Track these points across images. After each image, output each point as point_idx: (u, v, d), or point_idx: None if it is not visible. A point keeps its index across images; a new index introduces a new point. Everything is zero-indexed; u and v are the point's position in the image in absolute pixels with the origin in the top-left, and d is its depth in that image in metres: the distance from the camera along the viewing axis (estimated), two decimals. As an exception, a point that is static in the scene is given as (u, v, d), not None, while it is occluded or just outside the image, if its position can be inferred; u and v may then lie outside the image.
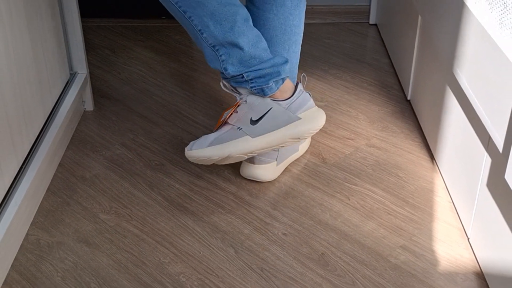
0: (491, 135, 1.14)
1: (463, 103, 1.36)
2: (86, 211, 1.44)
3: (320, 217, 1.42)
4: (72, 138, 1.71)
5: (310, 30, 2.34)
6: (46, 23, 1.53)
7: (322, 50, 2.20)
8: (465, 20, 1.27)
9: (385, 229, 1.38)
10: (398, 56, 2.01)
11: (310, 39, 2.27)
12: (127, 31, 2.36)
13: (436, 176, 1.55)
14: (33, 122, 1.44)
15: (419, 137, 1.71)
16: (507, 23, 1.10)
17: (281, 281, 1.25)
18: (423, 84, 1.70)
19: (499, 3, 1.14)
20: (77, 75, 1.77)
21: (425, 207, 1.45)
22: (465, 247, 1.33)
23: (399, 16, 2.00)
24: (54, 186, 1.52)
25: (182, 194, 1.50)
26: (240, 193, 1.50)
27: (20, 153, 1.36)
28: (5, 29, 1.28)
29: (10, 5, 1.30)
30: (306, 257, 1.31)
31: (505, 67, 1.07)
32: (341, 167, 1.59)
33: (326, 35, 2.32)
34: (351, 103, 1.87)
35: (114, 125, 1.77)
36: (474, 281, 1.25)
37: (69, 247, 1.34)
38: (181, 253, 1.32)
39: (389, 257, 1.31)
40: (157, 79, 2.00)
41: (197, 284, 1.25)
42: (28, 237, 1.36)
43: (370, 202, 1.47)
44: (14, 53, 1.32)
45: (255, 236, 1.37)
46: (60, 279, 1.26)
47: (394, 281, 1.25)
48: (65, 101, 1.64)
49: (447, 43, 1.39)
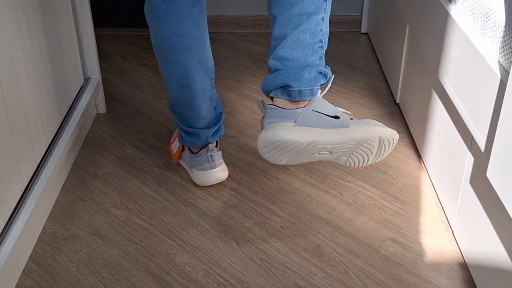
0: (473, 136, 1.14)
1: (447, 106, 1.36)
2: (98, 206, 1.44)
3: (316, 211, 1.42)
4: (85, 139, 1.70)
5: (306, 39, 2.34)
6: (62, 33, 1.53)
7: (317, 57, 2.20)
8: (450, 29, 1.27)
9: (375, 223, 1.38)
10: (388, 62, 2.01)
11: (306, 47, 2.27)
12: (136, 39, 2.36)
13: (422, 174, 1.55)
14: (50, 124, 1.44)
15: (407, 137, 1.71)
16: (488, 32, 1.10)
17: (279, 271, 1.25)
18: (411, 89, 1.70)
19: (481, 14, 1.14)
20: (90, 80, 1.77)
21: (413, 202, 1.45)
22: (450, 240, 1.33)
23: (388, 25, 2.00)
24: (69, 183, 1.52)
25: (188, 191, 1.50)
26: (241, 190, 1.50)
27: (38, 152, 1.36)
28: (24, 39, 1.28)
29: (29, 17, 1.30)
30: (302, 248, 1.31)
31: (486, 72, 1.07)
32: (334, 166, 1.59)
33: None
34: (344, 106, 1.87)
35: (125, 127, 1.77)
36: (458, 271, 1.25)
37: (83, 240, 1.34)
38: (187, 245, 1.32)
39: (379, 248, 1.31)
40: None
41: (202, 273, 1.24)
42: (45, 230, 1.36)
43: (361, 198, 1.47)
44: (32, 60, 1.32)
45: (255, 229, 1.37)
46: (74, 269, 1.26)
47: (384, 271, 1.25)
48: (79, 104, 1.64)
49: (433, 50, 1.39)
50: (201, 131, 1.44)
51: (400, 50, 1.81)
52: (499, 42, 1.05)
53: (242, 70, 2.11)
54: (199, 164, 1.47)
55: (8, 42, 1.19)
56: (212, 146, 1.46)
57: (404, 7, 1.71)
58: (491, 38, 1.08)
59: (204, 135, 1.44)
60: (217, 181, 1.49)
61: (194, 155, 1.47)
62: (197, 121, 1.42)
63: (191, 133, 1.44)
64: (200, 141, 1.44)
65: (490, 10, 1.11)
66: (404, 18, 1.72)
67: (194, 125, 1.43)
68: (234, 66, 2.13)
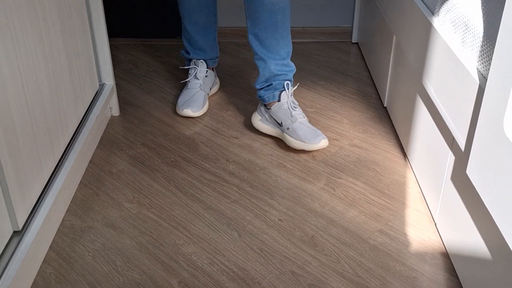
0: (454, 136, 1.14)
1: (431, 109, 1.36)
2: (112, 200, 1.44)
3: (310, 205, 1.42)
4: (101, 139, 1.70)
5: (301, 48, 2.34)
6: (79, 42, 1.53)
7: (312, 65, 2.20)
8: (433, 39, 1.27)
9: (365, 216, 1.38)
10: (376, 69, 2.00)
11: (302, 55, 2.27)
12: (147, 48, 2.36)
13: (408, 171, 1.55)
14: (68, 126, 1.44)
15: (394, 138, 1.71)
16: (468, 42, 1.10)
17: (277, 259, 1.25)
18: (397, 93, 1.70)
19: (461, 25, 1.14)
20: (105, 85, 1.77)
21: (399, 197, 1.45)
22: (433, 231, 1.33)
23: (377, 36, 2.00)
24: (86, 180, 1.52)
25: (194, 186, 1.50)
26: (243, 185, 1.50)
27: (57, 151, 1.36)
28: (45, 48, 1.28)
29: (49, 27, 1.30)
30: (298, 239, 1.31)
31: (466, 79, 1.07)
32: (328, 163, 1.59)
33: (315, 52, 2.32)
34: (336, 110, 1.87)
35: (136, 128, 1.77)
36: (440, 259, 1.25)
37: (98, 231, 1.34)
38: (193, 236, 1.32)
39: (369, 239, 1.31)
40: (173, 89, 2.00)
41: (207, 262, 1.24)
42: (64, 222, 1.36)
43: (352, 193, 1.47)
44: (52, 67, 1.32)
45: (255, 221, 1.37)
46: (90, 258, 1.26)
47: (372, 260, 1.25)
48: (95, 108, 1.64)
49: (418, 59, 1.39)
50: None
51: (387, 58, 1.81)
52: (478, 51, 1.05)
53: (243, 76, 2.11)
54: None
55: (30, 51, 1.19)
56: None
57: (391, 19, 1.71)
58: (470, 48, 1.09)
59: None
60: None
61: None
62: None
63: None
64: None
65: (469, 22, 1.11)
66: (391, 29, 1.72)
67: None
68: (236, 73, 2.13)
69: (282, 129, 1.62)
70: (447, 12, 1.22)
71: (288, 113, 1.61)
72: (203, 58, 1.87)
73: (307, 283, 1.19)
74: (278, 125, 1.63)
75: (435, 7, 1.30)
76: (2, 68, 1.06)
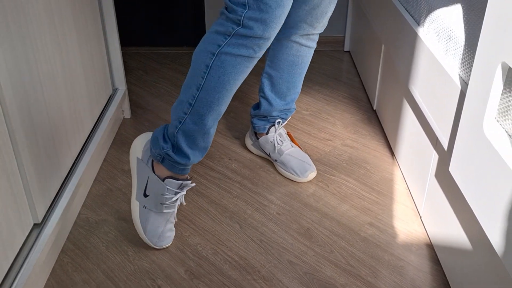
0: (438, 137, 1.14)
1: (416, 112, 1.36)
2: (125, 196, 1.44)
3: (306, 200, 1.42)
4: (114, 139, 1.70)
5: (298, 56, 2.33)
6: (94, 50, 1.54)
7: (307, 71, 2.20)
8: (418, 48, 1.27)
9: (356, 210, 1.38)
10: (366, 75, 2.01)
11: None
12: (156, 56, 2.36)
13: (395, 169, 1.55)
14: (84, 127, 1.45)
15: (382, 138, 1.71)
16: (450, 50, 1.10)
17: (276, 250, 1.25)
18: (386, 97, 1.70)
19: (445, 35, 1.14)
20: (118, 90, 1.77)
21: (387, 192, 1.45)
22: (418, 224, 1.33)
23: (367, 45, 2.00)
24: (100, 177, 1.52)
25: (199, 183, 1.50)
26: (244, 182, 1.50)
27: (74, 151, 1.37)
28: (62, 54, 1.28)
29: (66, 37, 1.30)
30: (295, 231, 1.31)
31: (449, 84, 1.07)
32: (322, 162, 1.59)
33: (311, 59, 2.32)
34: (330, 112, 1.87)
35: (147, 130, 1.76)
36: (425, 250, 1.25)
37: (112, 224, 1.34)
38: (199, 228, 1.32)
39: (359, 231, 1.31)
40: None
41: (211, 252, 1.25)
42: (80, 215, 1.37)
43: (344, 189, 1.47)
44: (69, 73, 1.32)
45: (255, 215, 1.37)
46: (104, 248, 1.26)
47: (363, 250, 1.25)
48: (109, 111, 1.64)
49: (404, 66, 1.39)
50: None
51: (376, 65, 1.81)
52: (460, 59, 1.05)
53: (245, 81, 2.11)
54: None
55: (49, 58, 1.19)
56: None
57: (380, 30, 1.71)
58: (453, 56, 1.09)
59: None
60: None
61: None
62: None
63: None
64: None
65: (452, 32, 1.11)
66: (380, 39, 1.72)
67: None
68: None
69: (271, 159, 1.55)
70: (431, 23, 1.22)
71: (273, 148, 1.52)
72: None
73: (303, 272, 1.19)
74: (267, 155, 1.56)
75: (420, 18, 1.30)
76: (24, 75, 1.06)
